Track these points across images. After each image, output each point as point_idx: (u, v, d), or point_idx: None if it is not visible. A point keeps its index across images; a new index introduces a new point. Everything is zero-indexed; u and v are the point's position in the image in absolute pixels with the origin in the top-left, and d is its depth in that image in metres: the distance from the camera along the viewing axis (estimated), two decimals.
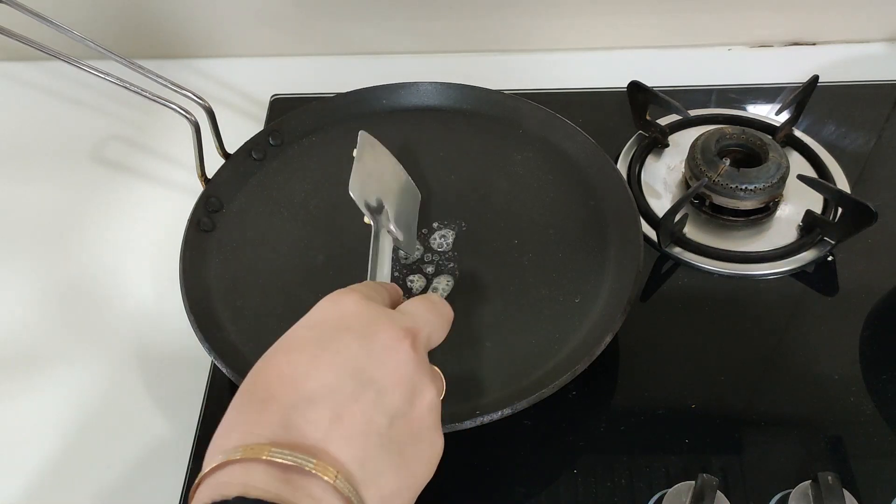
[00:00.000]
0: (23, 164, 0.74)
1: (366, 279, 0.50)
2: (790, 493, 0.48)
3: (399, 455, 0.35)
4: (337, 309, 0.39)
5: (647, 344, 0.58)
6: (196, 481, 0.33)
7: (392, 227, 0.53)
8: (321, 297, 0.56)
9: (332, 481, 0.32)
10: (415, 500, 0.37)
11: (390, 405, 0.36)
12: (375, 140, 0.58)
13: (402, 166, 0.59)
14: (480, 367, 0.52)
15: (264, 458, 0.32)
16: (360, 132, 0.57)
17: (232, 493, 0.31)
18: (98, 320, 0.61)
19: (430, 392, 0.38)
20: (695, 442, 0.52)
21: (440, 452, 0.38)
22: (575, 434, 0.53)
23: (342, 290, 0.40)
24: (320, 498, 0.32)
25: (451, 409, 0.49)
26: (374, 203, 0.53)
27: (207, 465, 0.33)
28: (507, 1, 0.79)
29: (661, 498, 0.48)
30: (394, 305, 0.42)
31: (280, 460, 0.32)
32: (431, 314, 0.41)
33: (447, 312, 0.43)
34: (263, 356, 0.37)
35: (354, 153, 0.54)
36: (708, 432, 0.52)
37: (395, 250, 0.56)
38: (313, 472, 0.32)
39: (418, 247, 0.59)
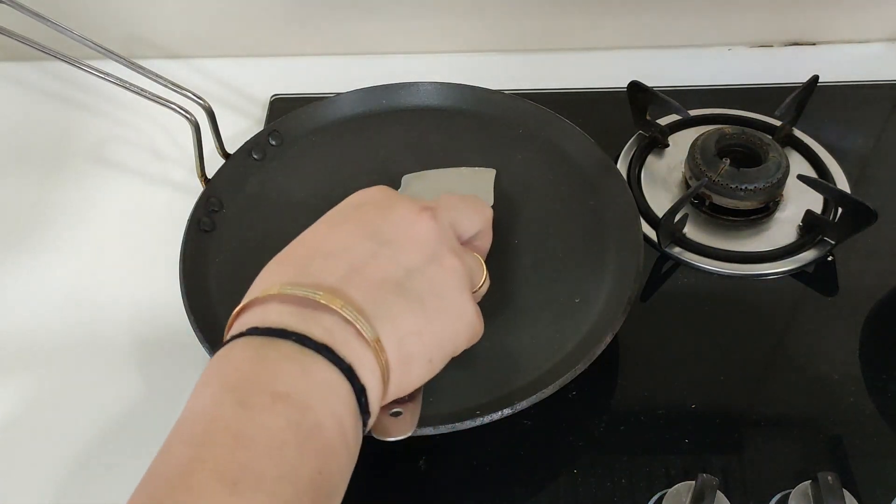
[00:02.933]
0: (23, 164, 0.74)
1: None
2: (790, 493, 0.48)
3: (418, 302, 0.37)
4: (363, 194, 0.43)
5: (647, 344, 0.58)
6: (226, 326, 0.36)
7: None
8: None
9: (338, 309, 0.34)
10: (442, 356, 0.38)
11: (407, 261, 0.38)
12: (422, 172, 0.62)
13: (458, 169, 0.63)
14: (480, 367, 0.52)
15: (277, 292, 0.34)
16: (402, 177, 0.61)
17: (247, 327, 0.34)
18: (97, 320, 0.61)
19: (451, 259, 0.39)
20: (695, 442, 0.52)
21: (471, 320, 0.40)
22: (575, 434, 0.53)
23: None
24: (330, 326, 0.34)
25: (451, 409, 0.49)
26: None
27: (235, 312, 0.36)
28: (506, 1, 0.79)
29: (661, 498, 0.48)
30: None
31: (290, 292, 0.34)
32: (462, 203, 0.44)
33: (482, 207, 0.46)
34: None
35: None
36: (708, 432, 0.52)
37: None
38: (321, 301, 0.34)
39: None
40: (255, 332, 0.33)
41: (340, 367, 0.33)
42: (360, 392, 0.33)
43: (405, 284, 0.37)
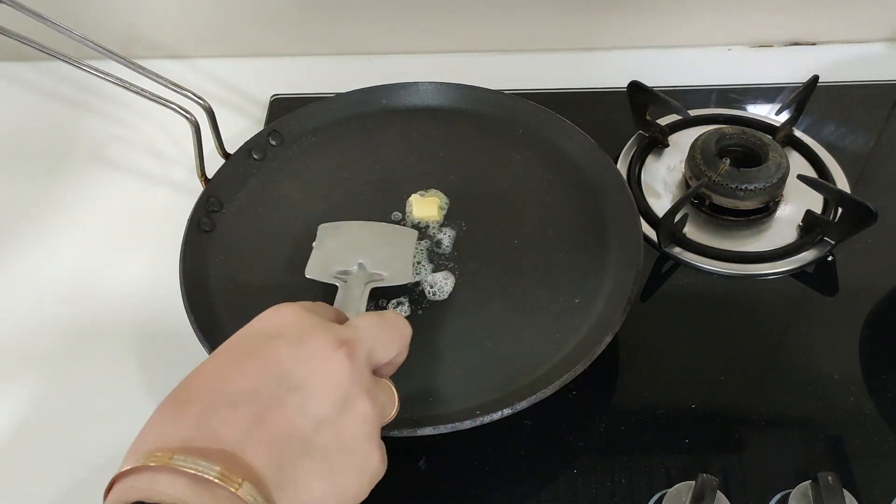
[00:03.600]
0: (23, 163, 0.74)
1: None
2: (790, 493, 0.48)
3: (324, 462, 0.34)
4: (275, 319, 0.38)
5: (647, 344, 0.58)
6: (109, 482, 0.33)
7: (374, 272, 0.54)
8: (321, 297, 0.56)
9: (235, 490, 0.31)
10: None
11: (317, 411, 0.35)
12: (339, 223, 0.58)
13: (379, 223, 0.59)
14: (480, 367, 0.52)
15: (166, 464, 0.31)
16: (318, 227, 0.58)
17: (132, 497, 0.30)
18: (98, 320, 0.61)
19: (363, 404, 0.36)
20: (695, 442, 0.52)
21: (376, 469, 0.37)
22: (575, 434, 0.53)
23: (285, 303, 0.39)
24: (225, 503, 0.31)
25: (450, 409, 0.49)
26: (346, 268, 0.54)
27: (122, 467, 0.32)
28: (506, 1, 0.79)
29: (661, 498, 0.48)
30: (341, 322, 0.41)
31: (183, 468, 0.31)
32: (379, 329, 0.40)
33: (401, 328, 0.41)
34: (196, 367, 0.36)
35: (313, 244, 0.56)
36: (708, 432, 0.52)
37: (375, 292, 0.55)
38: (215, 481, 0.31)
39: (417, 273, 0.58)
40: None
41: None
42: None
43: (312, 441, 0.34)
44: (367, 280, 0.53)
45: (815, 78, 0.69)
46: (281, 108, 0.76)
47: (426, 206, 0.61)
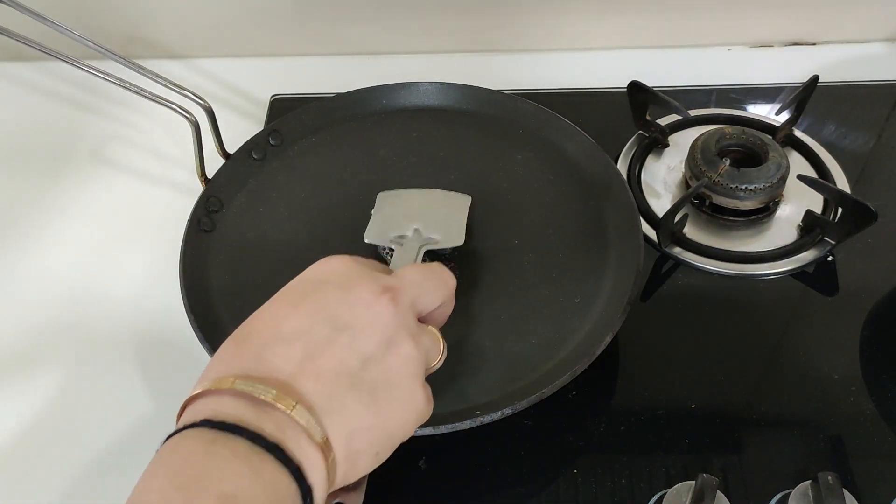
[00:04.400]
0: (23, 164, 0.74)
1: None
2: (790, 493, 0.48)
3: (370, 395, 0.37)
4: (325, 267, 0.41)
5: (647, 344, 0.58)
6: (181, 407, 0.36)
7: (428, 236, 0.56)
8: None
9: (288, 411, 0.34)
10: (388, 447, 0.38)
11: (364, 349, 0.37)
12: (396, 190, 0.61)
13: (435, 189, 0.61)
14: (480, 367, 0.52)
15: (229, 387, 0.34)
16: (377, 194, 0.60)
17: (199, 417, 0.33)
18: (97, 320, 0.61)
19: (407, 345, 0.39)
20: (695, 442, 0.52)
21: (422, 407, 0.39)
22: (575, 434, 0.53)
23: (336, 255, 0.42)
24: (281, 424, 0.34)
25: (450, 408, 0.49)
26: (402, 233, 0.56)
27: (191, 392, 0.36)
28: (507, 1, 0.79)
29: (661, 498, 0.48)
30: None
31: (242, 388, 0.34)
32: (423, 277, 0.42)
33: (445, 278, 0.44)
34: (254, 312, 0.39)
35: (372, 211, 0.59)
36: (708, 432, 0.52)
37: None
38: (271, 401, 0.34)
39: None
40: (207, 424, 0.33)
41: (289, 468, 0.33)
42: (306, 493, 0.33)
43: (359, 375, 0.37)
44: (422, 243, 0.55)
45: (815, 78, 0.69)
46: (281, 108, 0.76)
47: None
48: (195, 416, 0.34)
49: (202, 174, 0.62)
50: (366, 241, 0.56)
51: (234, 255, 0.59)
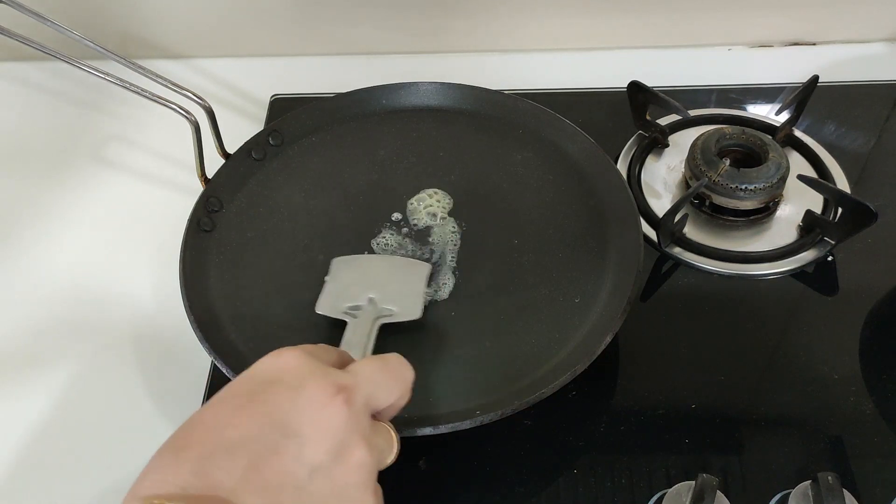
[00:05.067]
0: (23, 163, 0.74)
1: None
2: (790, 493, 0.48)
3: None
4: (275, 363, 0.38)
5: (647, 344, 0.58)
6: None
7: (384, 307, 0.53)
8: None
9: None
10: None
11: (312, 459, 0.35)
12: (353, 256, 0.58)
13: (393, 256, 0.59)
14: (480, 367, 0.52)
15: None
16: (332, 260, 0.58)
17: None
18: (98, 320, 0.61)
19: (359, 450, 0.36)
20: (695, 442, 0.52)
21: None
22: (575, 434, 0.53)
23: (287, 347, 0.39)
24: None
25: (451, 409, 0.49)
26: (356, 303, 0.53)
27: None
28: (507, 1, 0.79)
29: (661, 498, 0.48)
30: (344, 366, 0.41)
31: None
32: (380, 374, 0.40)
33: (402, 372, 0.41)
34: (195, 412, 0.37)
35: (325, 279, 0.56)
36: (708, 432, 0.52)
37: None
38: None
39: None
40: None
41: None
42: None
43: (306, 488, 0.34)
44: (377, 315, 0.52)
45: (815, 78, 0.69)
46: (281, 108, 0.76)
47: None
48: None
49: (202, 174, 0.62)
50: (317, 311, 0.53)
51: (234, 255, 0.59)
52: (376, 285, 0.55)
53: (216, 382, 0.56)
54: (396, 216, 0.62)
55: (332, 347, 0.44)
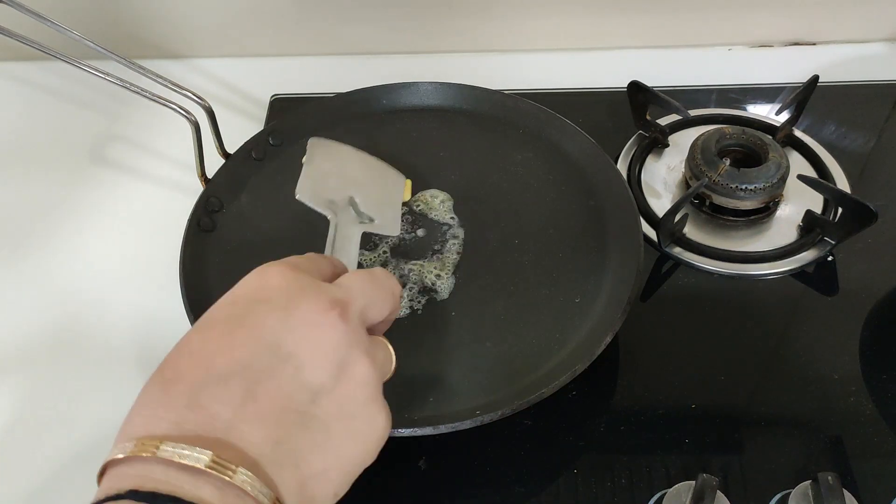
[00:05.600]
0: (23, 164, 0.74)
1: None
2: (790, 493, 0.48)
3: (324, 433, 0.33)
4: (260, 281, 0.36)
5: (647, 344, 0.58)
6: (100, 469, 0.31)
7: (363, 212, 0.49)
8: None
9: (230, 479, 0.29)
10: (349, 482, 0.34)
11: (312, 380, 0.33)
12: (330, 141, 0.54)
13: (371, 156, 0.55)
14: (480, 367, 0.52)
15: (153, 454, 0.29)
16: (309, 140, 0.53)
17: (126, 485, 0.29)
18: (97, 320, 0.61)
19: (362, 365, 0.34)
20: (695, 442, 0.52)
21: (382, 429, 0.35)
22: (575, 434, 0.53)
23: (271, 262, 0.37)
24: (224, 489, 0.29)
25: (451, 409, 0.49)
26: (336, 198, 0.50)
27: (112, 453, 0.31)
28: (507, 1, 0.79)
29: (661, 498, 0.48)
30: (334, 277, 0.39)
31: (170, 456, 0.29)
32: (369, 286, 0.37)
33: (391, 285, 0.39)
34: (181, 338, 0.34)
35: (303, 160, 0.52)
36: (708, 432, 0.52)
37: (370, 237, 0.51)
38: (207, 470, 0.29)
39: (403, 225, 0.56)
40: (134, 496, 0.28)
41: None
42: None
43: (309, 412, 0.32)
44: (359, 220, 0.49)
45: (815, 78, 0.69)
46: (281, 108, 0.76)
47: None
48: (120, 484, 0.29)
49: (202, 174, 0.62)
50: (297, 196, 0.50)
51: (234, 255, 0.59)
52: (356, 184, 0.51)
53: None
54: None
55: (320, 256, 0.41)
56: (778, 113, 0.72)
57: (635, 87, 0.69)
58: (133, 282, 0.63)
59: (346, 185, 0.51)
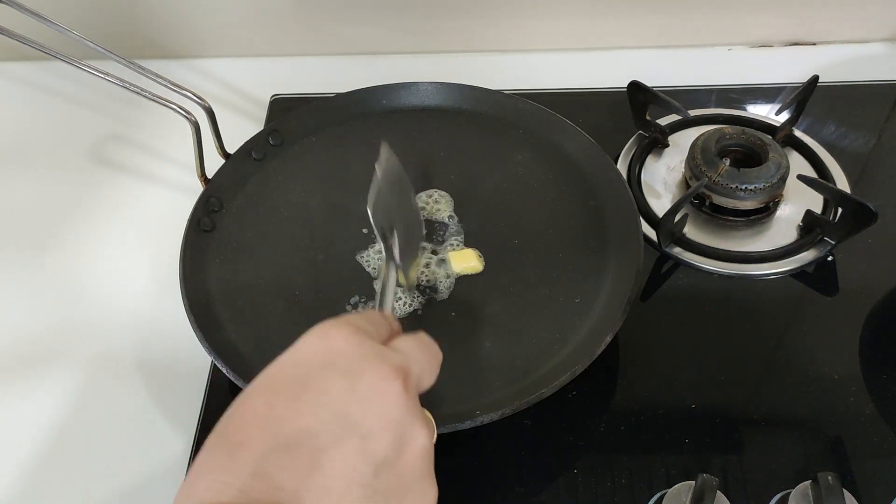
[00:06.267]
0: (23, 164, 0.74)
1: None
2: (790, 493, 0.48)
3: None
4: (323, 344, 0.35)
5: (647, 344, 0.58)
6: None
7: (397, 258, 0.48)
8: (321, 297, 0.56)
9: None
10: None
11: (376, 452, 0.32)
12: (394, 157, 0.51)
13: (414, 192, 0.53)
14: (480, 367, 0.52)
15: None
16: (382, 144, 0.51)
17: None
18: (98, 320, 0.61)
19: (421, 437, 0.34)
20: (695, 442, 0.52)
21: (432, 503, 0.35)
22: (575, 434, 0.53)
23: (332, 321, 0.36)
24: None
25: (451, 409, 0.49)
26: (386, 227, 0.48)
27: None
28: (507, 1, 0.79)
29: (661, 498, 0.48)
30: (390, 338, 0.39)
31: None
32: (423, 353, 0.38)
33: (437, 353, 0.40)
34: (241, 394, 0.34)
35: (377, 166, 0.49)
36: (708, 432, 0.52)
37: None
38: None
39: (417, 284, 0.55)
40: None
41: None
42: None
43: (373, 484, 0.32)
44: (395, 265, 0.47)
45: (815, 78, 0.69)
46: (281, 108, 0.76)
47: (464, 259, 0.59)
48: None
49: (202, 174, 0.62)
50: (369, 209, 0.47)
51: (234, 255, 0.59)
52: (399, 223, 0.48)
53: (216, 383, 0.56)
54: None
55: (379, 315, 0.40)
56: (778, 113, 0.72)
57: (635, 87, 0.69)
58: (133, 281, 0.63)
59: (395, 218, 0.49)
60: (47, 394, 0.57)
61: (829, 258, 0.62)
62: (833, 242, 0.62)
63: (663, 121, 0.72)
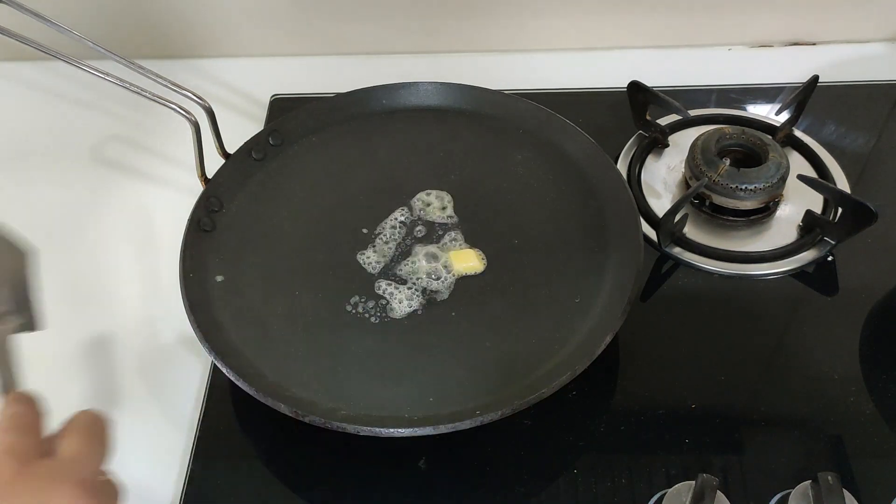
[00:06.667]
0: (23, 164, 0.74)
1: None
2: (790, 493, 0.48)
3: None
4: None
5: (647, 344, 0.58)
6: None
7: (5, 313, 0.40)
8: (321, 297, 0.56)
9: None
10: None
11: None
12: None
13: None
14: (480, 367, 0.52)
15: None
16: None
17: None
18: (98, 320, 0.61)
19: None
20: (695, 442, 0.52)
21: None
22: (575, 434, 0.53)
23: None
24: None
25: (451, 409, 0.49)
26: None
27: None
28: (507, 1, 0.79)
29: (661, 498, 0.48)
30: (42, 427, 0.38)
31: None
32: (91, 444, 0.38)
33: (103, 429, 0.39)
34: None
35: None
36: (708, 432, 0.52)
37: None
38: None
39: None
40: None
41: None
42: None
43: None
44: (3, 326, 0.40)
45: (815, 78, 0.69)
46: (281, 108, 0.76)
47: (464, 259, 0.59)
48: None
49: (202, 174, 0.62)
50: None
51: (234, 255, 0.59)
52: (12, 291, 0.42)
53: (216, 382, 0.56)
54: (397, 216, 0.62)
55: (24, 411, 0.39)
56: (778, 113, 0.72)
57: (635, 87, 0.69)
58: (133, 282, 0.63)
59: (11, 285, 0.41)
60: (46, 394, 0.57)
61: (829, 258, 0.62)
62: (833, 242, 0.62)
63: (663, 121, 0.72)
